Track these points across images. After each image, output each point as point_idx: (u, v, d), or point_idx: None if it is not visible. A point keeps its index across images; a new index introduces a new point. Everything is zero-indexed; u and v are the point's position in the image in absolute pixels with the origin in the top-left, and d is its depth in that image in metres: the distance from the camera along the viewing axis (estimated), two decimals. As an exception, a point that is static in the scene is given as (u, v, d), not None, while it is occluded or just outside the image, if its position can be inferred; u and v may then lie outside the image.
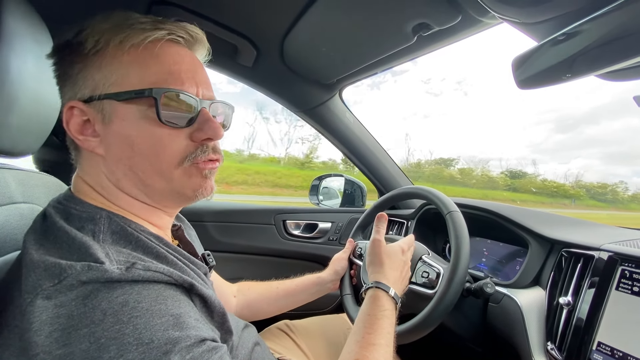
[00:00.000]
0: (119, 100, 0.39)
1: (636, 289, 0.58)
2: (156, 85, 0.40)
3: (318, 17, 0.74)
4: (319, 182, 1.58)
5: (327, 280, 0.88)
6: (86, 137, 0.41)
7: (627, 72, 0.55)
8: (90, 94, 0.40)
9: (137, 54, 0.40)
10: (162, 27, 0.41)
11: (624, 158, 47.71)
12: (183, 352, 0.32)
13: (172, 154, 0.42)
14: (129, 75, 0.40)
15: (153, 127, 0.40)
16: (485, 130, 67.34)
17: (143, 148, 0.41)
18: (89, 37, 0.39)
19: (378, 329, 0.56)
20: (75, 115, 0.41)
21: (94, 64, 0.40)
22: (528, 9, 0.51)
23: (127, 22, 0.40)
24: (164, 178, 0.42)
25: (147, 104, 0.40)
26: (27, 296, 0.32)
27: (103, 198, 0.43)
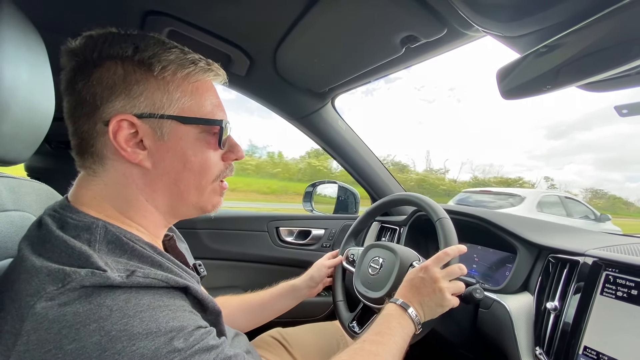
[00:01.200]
0: (184, 122, 0.45)
1: (620, 294, 0.60)
2: (210, 116, 0.47)
3: (310, 29, 0.76)
4: (312, 188, 1.59)
5: (301, 287, 0.87)
6: (135, 150, 0.43)
7: (607, 84, 0.57)
8: (150, 111, 0.43)
9: (197, 86, 0.47)
10: (211, 68, 0.48)
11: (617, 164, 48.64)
12: (186, 336, 0.36)
13: (214, 171, 0.49)
14: (191, 103, 0.46)
15: (205, 148, 0.47)
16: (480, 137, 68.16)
17: (194, 165, 0.46)
18: (155, 61, 0.43)
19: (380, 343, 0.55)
20: (124, 127, 0.42)
21: (159, 87, 0.44)
22: (509, 23, 0.53)
23: (187, 57, 0.46)
24: (198, 192, 0.48)
25: (206, 129, 0.47)
26: (29, 299, 0.33)
27: (110, 209, 0.44)
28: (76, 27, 0.44)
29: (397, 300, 0.63)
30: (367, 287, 0.81)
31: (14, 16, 0.45)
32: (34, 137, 0.51)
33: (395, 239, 1.20)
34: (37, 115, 0.50)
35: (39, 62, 0.48)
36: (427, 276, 0.64)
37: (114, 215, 0.44)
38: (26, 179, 0.61)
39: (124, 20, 0.79)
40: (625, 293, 0.59)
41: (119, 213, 0.45)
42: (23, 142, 0.49)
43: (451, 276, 0.65)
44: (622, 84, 0.56)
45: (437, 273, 0.64)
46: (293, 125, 1.29)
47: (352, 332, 0.84)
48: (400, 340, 0.57)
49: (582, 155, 52.20)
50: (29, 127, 0.49)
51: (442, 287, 0.63)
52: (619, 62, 0.44)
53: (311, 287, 0.88)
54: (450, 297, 0.63)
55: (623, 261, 0.61)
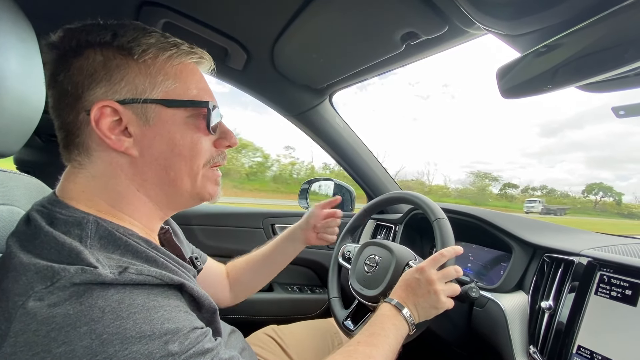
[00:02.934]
0: (168, 106, 0.44)
1: (614, 294, 0.60)
2: (196, 98, 0.46)
3: (309, 23, 0.74)
4: (308, 186, 1.58)
5: (295, 229, 0.85)
6: (119, 137, 0.42)
7: (605, 85, 0.57)
8: (132, 96, 0.42)
9: (180, 69, 0.45)
10: (195, 51, 0.47)
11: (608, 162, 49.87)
12: (182, 339, 0.35)
13: (204, 155, 0.48)
14: (175, 86, 0.44)
15: (193, 132, 0.46)
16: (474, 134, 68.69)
17: (183, 149, 0.45)
18: (135, 45, 0.42)
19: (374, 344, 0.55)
20: (107, 114, 0.41)
21: (140, 71, 0.42)
22: (511, 21, 0.53)
23: (169, 40, 0.45)
24: (191, 178, 0.47)
25: (193, 112, 0.45)
26: (17, 299, 0.31)
27: (100, 202, 0.43)
28: (68, 16, 0.43)
29: (392, 300, 0.63)
30: (362, 284, 0.81)
31: (4, 4, 0.44)
32: (23, 129, 0.49)
33: (390, 237, 1.20)
34: (27, 106, 0.48)
35: (29, 53, 0.47)
36: (422, 277, 0.64)
37: (105, 209, 0.43)
38: (15, 172, 0.60)
39: (119, 10, 0.77)
40: (620, 293, 0.59)
41: (110, 206, 0.43)
42: (12, 134, 0.47)
43: (447, 278, 0.65)
44: (620, 85, 0.56)
45: (433, 275, 0.64)
46: (290, 122, 1.28)
47: (347, 329, 0.84)
48: (393, 342, 0.57)
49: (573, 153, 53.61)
50: (19, 118, 0.47)
51: (437, 289, 0.62)
52: (618, 64, 0.44)
53: (305, 229, 0.85)
54: (445, 299, 0.63)
55: (617, 261, 0.62)
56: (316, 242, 0.85)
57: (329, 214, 0.86)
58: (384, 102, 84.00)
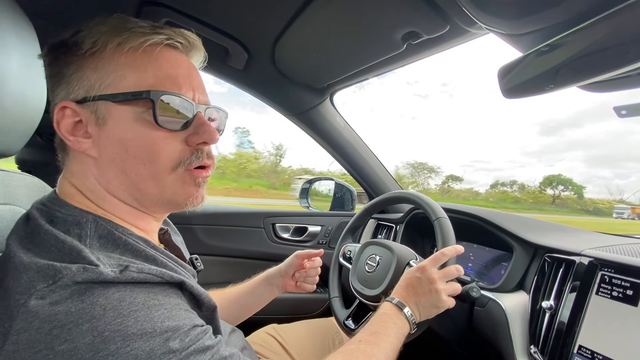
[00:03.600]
0: (115, 101, 0.39)
1: (615, 294, 0.60)
2: (154, 88, 0.40)
3: (309, 23, 0.74)
4: (309, 185, 1.58)
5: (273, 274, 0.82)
6: (77, 138, 0.41)
7: (607, 84, 0.57)
8: (85, 94, 0.40)
9: (135, 57, 0.40)
10: (161, 32, 0.41)
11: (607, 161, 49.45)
12: (182, 337, 0.35)
13: (167, 157, 0.42)
14: (126, 77, 0.40)
15: (148, 130, 0.40)
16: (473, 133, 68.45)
17: (138, 151, 0.40)
18: (86, 38, 0.39)
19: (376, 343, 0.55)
20: (67, 115, 0.41)
21: (89, 65, 0.40)
22: (513, 21, 0.52)
23: (126, 25, 0.40)
24: (157, 183, 0.42)
25: (143, 107, 0.40)
26: (19, 297, 0.32)
27: (89, 201, 0.43)
28: (69, 15, 0.43)
29: (393, 299, 0.63)
30: (363, 284, 0.81)
31: (5, 4, 0.44)
32: (25, 129, 0.50)
33: (391, 237, 1.20)
34: (28, 106, 0.48)
35: (30, 52, 0.47)
36: (424, 277, 0.64)
37: (94, 207, 0.42)
38: (17, 172, 0.60)
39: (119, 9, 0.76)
40: (621, 293, 0.59)
41: (95, 206, 0.43)
42: (13, 134, 0.47)
43: (448, 277, 0.65)
44: (622, 84, 0.56)
45: (434, 274, 0.64)
46: (291, 122, 1.27)
47: (348, 328, 0.84)
48: (395, 341, 0.57)
49: (573, 152, 53.13)
50: (21, 118, 0.47)
51: (438, 288, 0.62)
52: (620, 64, 0.44)
53: (283, 276, 0.82)
54: (446, 298, 0.63)
55: (619, 261, 0.61)
56: (293, 289, 0.83)
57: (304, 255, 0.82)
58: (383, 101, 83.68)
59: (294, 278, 0.83)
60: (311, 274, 0.83)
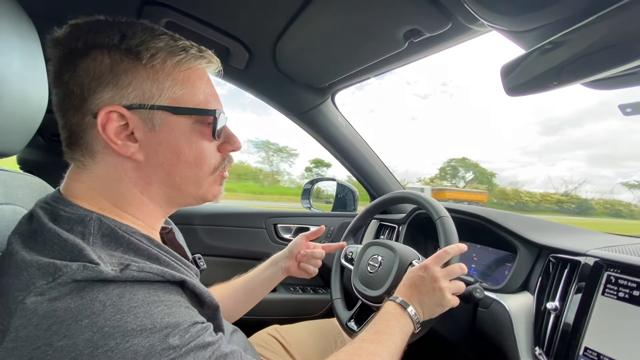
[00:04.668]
0: (175, 113, 0.43)
1: (622, 295, 0.59)
2: (202, 105, 0.45)
3: (310, 22, 0.74)
4: (311, 186, 1.58)
5: (278, 258, 0.83)
6: (125, 142, 0.42)
7: (612, 81, 0.56)
8: (139, 102, 0.42)
9: (188, 74, 0.45)
10: (204, 55, 0.47)
11: (608, 160, 48.81)
12: (182, 333, 0.35)
13: (210, 164, 0.48)
14: (183, 92, 0.44)
15: (199, 139, 0.46)
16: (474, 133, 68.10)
17: (189, 157, 0.45)
18: (144, 49, 0.42)
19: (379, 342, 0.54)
20: (113, 119, 0.41)
21: (148, 76, 0.42)
22: (516, 17, 0.52)
23: (178, 44, 0.44)
24: (197, 185, 0.48)
25: (199, 119, 0.45)
26: (17, 294, 0.32)
27: (103, 201, 0.43)
28: (71, 14, 0.43)
29: (397, 298, 0.62)
30: (365, 285, 0.81)
31: (6, 3, 0.44)
32: (26, 129, 0.50)
33: (394, 237, 1.20)
34: (30, 106, 0.48)
35: (31, 51, 0.47)
36: (427, 275, 0.63)
37: (108, 207, 0.43)
38: (18, 172, 0.60)
39: (121, 9, 0.77)
40: (627, 294, 0.58)
41: (113, 206, 0.43)
42: (15, 134, 0.47)
43: (451, 275, 0.64)
44: (627, 82, 0.55)
45: (437, 272, 0.63)
46: (292, 122, 1.27)
47: (350, 330, 0.83)
48: (399, 340, 0.56)
49: (574, 151, 52.15)
50: (21, 118, 0.47)
51: (442, 287, 0.62)
52: (624, 60, 0.44)
53: (288, 257, 0.83)
54: (450, 296, 0.63)
55: (625, 262, 0.60)
56: (297, 272, 0.83)
57: (310, 235, 0.85)
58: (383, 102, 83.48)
59: (297, 259, 0.83)
60: (316, 255, 0.83)
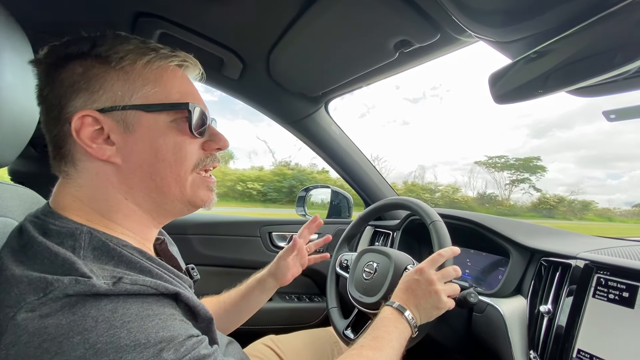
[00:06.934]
0: (148, 111, 0.43)
1: (612, 296, 0.60)
2: (179, 101, 0.45)
3: (303, 32, 0.75)
4: (305, 193, 1.58)
5: (265, 279, 0.82)
6: (101, 146, 0.42)
7: (595, 89, 0.58)
8: (111, 104, 0.42)
9: (160, 73, 0.45)
10: (177, 55, 0.47)
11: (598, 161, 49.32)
12: (177, 347, 0.34)
13: (190, 159, 0.47)
14: (155, 90, 0.44)
15: (177, 136, 0.45)
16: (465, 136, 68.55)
17: (167, 154, 0.44)
18: (112, 53, 0.42)
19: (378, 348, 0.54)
20: (87, 124, 0.41)
21: (119, 77, 0.42)
22: (501, 28, 0.54)
23: (148, 45, 0.45)
24: (179, 184, 0.46)
25: (176, 116, 0.45)
26: (8, 311, 0.31)
27: (94, 212, 0.43)
28: (64, 27, 0.43)
29: (394, 303, 0.63)
30: (361, 292, 0.81)
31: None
32: (18, 140, 0.49)
33: (388, 244, 1.20)
34: (22, 117, 0.48)
35: (24, 64, 0.47)
36: (422, 278, 0.64)
37: (97, 219, 0.43)
38: (9, 183, 0.59)
39: (115, 21, 0.78)
40: (617, 295, 0.59)
41: (100, 216, 0.43)
42: (7, 145, 0.47)
43: (446, 278, 0.65)
44: (609, 89, 0.57)
45: (433, 275, 0.64)
46: (286, 130, 1.28)
47: (347, 339, 0.83)
48: (397, 345, 0.57)
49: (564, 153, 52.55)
50: (13, 129, 0.47)
51: (437, 289, 0.62)
52: (606, 69, 0.45)
53: (279, 277, 0.82)
54: (446, 299, 0.63)
55: (614, 264, 0.62)
56: (293, 272, 0.82)
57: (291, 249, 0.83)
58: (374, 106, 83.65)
59: (290, 264, 0.82)
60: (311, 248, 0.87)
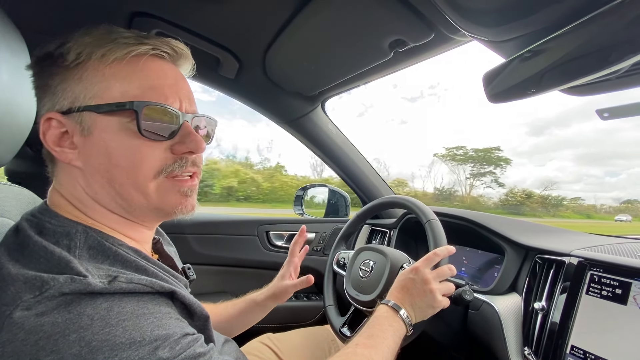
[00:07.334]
0: (100, 112, 0.40)
1: (605, 293, 0.61)
2: (138, 99, 0.40)
3: (299, 32, 0.76)
4: (303, 192, 1.59)
5: (265, 306, 0.80)
6: (63, 149, 0.41)
7: (588, 88, 0.59)
8: (70, 105, 0.40)
9: (119, 67, 0.41)
10: (146, 42, 0.41)
11: (596, 159, 49.70)
12: (172, 345, 0.34)
13: (149, 165, 0.42)
14: (110, 88, 0.40)
15: (132, 139, 0.41)
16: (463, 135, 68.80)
17: (121, 159, 0.41)
18: (71, 49, 0.40)
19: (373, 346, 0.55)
20: (53, 127, 0.41)
21: (74, 76, 0.40)
22: (494, 28, 0.54)
23: (110, 36, 0.40)
24: (140, 192, 0.42)
25: (128, 117, 0.40)
26: (4, 309, 0.31)
27: (79, 212, 0.43)
28: (59, 27, 0.43)
29: (389, 301, 0.63)
30: (358, 290, 0.81)
31: None
32: (14, 140, 0.49)
33: (385, 242, 1.20)
34: (18, 117, 0.48)
35: (20, 64, 0.47)
36: (417, 277, 0.64)
37: (84, 217, 0.43)
38: (6, 184, 0.59)
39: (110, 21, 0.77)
40: (610, 292, 0.60)
41: (85, 216, 0.43)
42: (3, 145, 0.47)
43: (441, 277, 0.65)
44: (602, 88, 0.58)
45: (428, 274, 0.64)
46: (283, 129, 1.28)
47: (343, 336, 0.83)
48: (392, 343, 0.57)
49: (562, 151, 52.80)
50: (9, 129, 0.47)
51: (432, 288, 0.63)
52: (599, 67, 0.46)
53: (275, 303, 0.81)
54: (441, 298, 0.64)
55: (607, 261, 0.62)
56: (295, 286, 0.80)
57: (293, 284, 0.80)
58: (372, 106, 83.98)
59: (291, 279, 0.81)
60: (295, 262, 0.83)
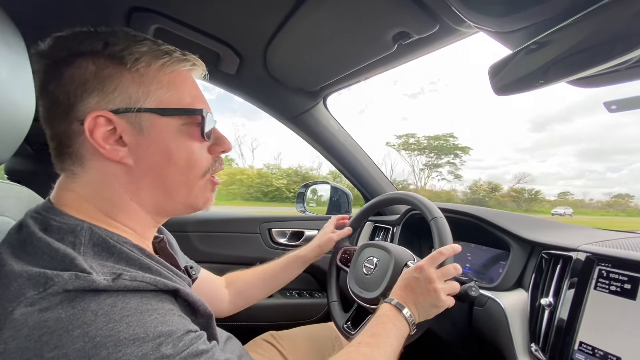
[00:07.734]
0: (162, 114, 0.43)
1: (614, 288, 0.60)
2: (190, 106, 0.46)
3: (300, 26, 0.75)
4: (305, 189, 1.58)
5: (308, 257, 0.92)
6: (113, 147, 0.42)
7: (596, 79, 0.58)
8: (126, 106, 0.42)
9: (174, 77, 0.45)
10: (187, 59, 0.47)
11: (598, 154, 49.49)
12: (175, 341, 0.35)
13: (201, 165, 0.47)
14: (169, 94, 0.44)
15: (188, 141, 0.46)
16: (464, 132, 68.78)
17: (179, 159, 0.45)
18: (127, 54, 0.42)
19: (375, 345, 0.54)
20: (101, 124, 0.41)
21: (133, 80, 0.42)
22: (501, 18, 0.53)
23: (162, 48, 0.45)
24: (187, 189, 0.47)
25: (187, 120, 0.45)
26: (7, 305, 0.31)
27: (94, 210, 0.43)
28: (58, 23, 0.43)
29: (392, 300, 0.62)
30: (361, 287, 0.80)
31: None
32: (13, 138, 0.49)
33: (388, 239, 1.20)
34: (17, 115, 0.47)
35: (18, 60, 0.46)
36: (421, 276, 0.63)
37: (99, 216, 0.43)
38: (6, 182, 0.59)
39: (109, 16, 0.77)
40: (619, 287, 0.59)
41: (103, 214, 0.43)
42: (2, 142, 0.47)
43: (446, 276, 0.65)
44: (611, 79, 0.57)
45: (432, 273, 0.63)
46: (284, 125, 1.27)
47: (347, 332, 0.83)
48: (395, 342, 0.56)
49: (564, 147, 52.62)
50: (8, 127, 0.47)
51: (437, 288, 0.62)
52: (607, 58, 0.45)
53: (318, 254, 0.92)
54: (445, 297, 0.63)
55: (616, 255, 0.61)
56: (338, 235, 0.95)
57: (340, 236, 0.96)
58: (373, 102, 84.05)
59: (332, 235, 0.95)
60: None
